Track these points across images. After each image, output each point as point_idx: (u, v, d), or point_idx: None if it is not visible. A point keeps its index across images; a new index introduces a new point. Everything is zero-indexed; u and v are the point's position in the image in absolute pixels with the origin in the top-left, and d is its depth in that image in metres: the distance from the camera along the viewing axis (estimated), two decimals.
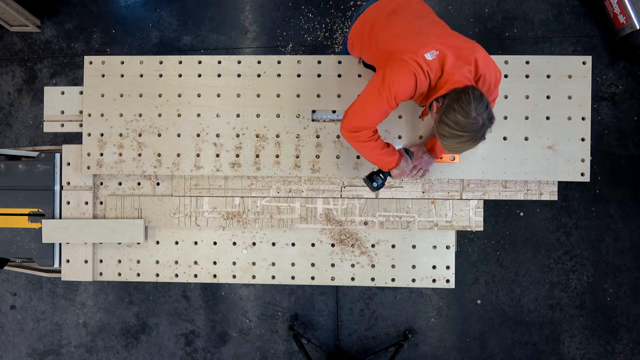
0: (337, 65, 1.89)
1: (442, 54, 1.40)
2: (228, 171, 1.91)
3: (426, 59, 1.39)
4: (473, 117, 1.29)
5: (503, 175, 1.84)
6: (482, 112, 1.30)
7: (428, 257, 1.92)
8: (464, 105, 1.29)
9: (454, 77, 1.37)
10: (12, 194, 2.02)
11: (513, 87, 1.84)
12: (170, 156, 1.93)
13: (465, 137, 1.33)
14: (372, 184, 1.70)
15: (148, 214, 1.96)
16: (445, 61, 1.39)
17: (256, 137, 1.91)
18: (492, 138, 1.83)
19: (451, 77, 1.38)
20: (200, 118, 1.93)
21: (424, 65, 1.39)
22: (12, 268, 2.14)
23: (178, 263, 1.99)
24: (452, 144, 1.38)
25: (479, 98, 1.31)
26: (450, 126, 1.33)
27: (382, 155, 1.62)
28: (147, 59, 1.96)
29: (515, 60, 1.85)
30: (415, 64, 1.39)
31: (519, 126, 1.84)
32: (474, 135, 1.32)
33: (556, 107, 1.82)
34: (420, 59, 1.39)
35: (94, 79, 1.97)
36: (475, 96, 1.31)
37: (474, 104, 1.29)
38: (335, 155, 1.88)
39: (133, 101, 1.95)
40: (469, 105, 1.29)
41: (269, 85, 1.91)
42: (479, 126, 1.31)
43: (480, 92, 1.33)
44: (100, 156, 1.96)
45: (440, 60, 1.40)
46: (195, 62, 1.94)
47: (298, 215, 1.92)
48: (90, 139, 1.96)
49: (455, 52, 1.41)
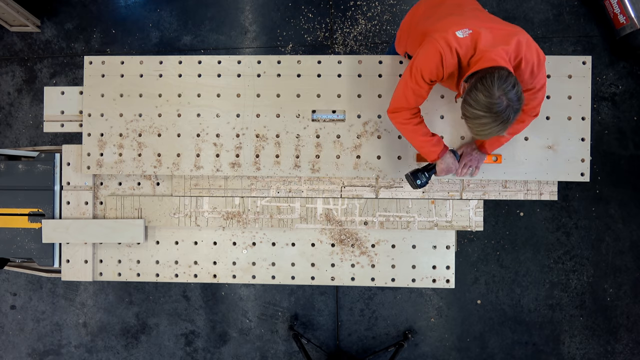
0: (337, 65, 1.89)
1: (475, 32, 1.34)
2: (228, 171, 1.91)
3: (457, 36, 1.33)
4: (497, 96, 1.21)
5: (503, 176, 1.84)
6: (508, 91, 1.22)
7: (428, 257, 1.92)
8: (487, 84, 1.23)
9: (488, 54, 1.29)
10: (12, 194, 2.02)
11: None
12: (170, 156, 1.93)
13: (487, 118, 1.25)
14: (416, 181, 1.64)
15: (148, 214, 1.96)
16: (479, 39, 1.32)
17: (256, 137, 1.91)
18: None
19: (484, 55, 1.30)
20: (200, 118, 1.93)
21: (453, 43, 1.33)
22: (12, 268, 2.14)
23: (178, 263, 1.99)
24: (475, 125, 1.30)
25: (506, 77, 1.23)
26: (472, 106, 1.26)
27: (425, 143, 1.57)
28: (147, 59, 1.96)
29: None
30: (443, 42, 1.34)
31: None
32: (497, 116, 1.24)
33: (556, 107, 1.82)
34: (450, 36, 1.34)
35: (94, 79, 1.96)
36: (500, 75, 1.23)
37: (497, 82, 1.22)
38: (336, 155, 1.88)
39: (133, 101, 1.95)
40: (493, 84, 1.22)
41: (269, 85, 1.91)
42: (502, 107, 1.23)
43: (508, 72, 1.25)
44: (100, 156, 1.95)
45: (474, 38, 1.33)
46: (195, 62, 1.94)
47: (298, 215, 1.92)
48: (90, 139, 1.96)
49: (492, 32, 1.35)
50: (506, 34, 1.35)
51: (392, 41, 1.92)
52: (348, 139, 1.88)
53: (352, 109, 1.89)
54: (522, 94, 1.27)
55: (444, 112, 1.85)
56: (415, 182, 1.65)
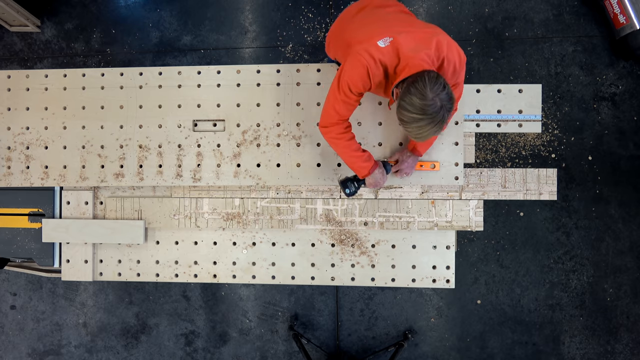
0: (217, 75, 1.94)
1: (395, 40, 1.38)
2: (112, 182, 1.95)
3: (379, 46, 1.38)
4: (430, 98, 1.26)
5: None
6: (439, 92, 1.28)
7: (428, 257, 1.92)
8: (420, 87, 1.27)
9: (413, 61, 1.35)
10: (12, 194, 2.02)
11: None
12: (56, 168, 1.97)
13: (423, 120, 1.30)
14: (345, 189, 1.71)
15: (148, 215, 1.96)
16: (400, 46, 1.37)
17: (139, 148, 1.94)
18: (368, 143, 1.89)
19: (410, 62, 1.35)
20: (85, 130, 1.97)
21: (376, 54, 1.38)
22: (12, 268, 2.14)
23: (178, 263, 1.99)
24: (413, 129, 1.35)
25: (435, 79, 1.29)
26: (408, 110, 1.31)
27: (356, 159, 1.62)
28: (33, 73, 2.02)
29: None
30: (366, 55, 1.38)
31: (394, 132, 1.88)
32: (433, 117, 1.29)
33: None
34: (372, 47, 1.38)
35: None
36: (430, 77, 1.28)
37: (429, 85, 1.27)
38: (216, 164, 1.92)
39: (20, 114, 2.01)
40: (425, 87, 1.27)
41: (151, 96, 1.96)
42: (437, 108, 1.28)
43: (437, 74, 1.31)
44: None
45: (394, 46, 1.38)
46: (79, 75, 1.99)
47: (298, 215, 1.92)
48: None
49: (411, 36, 1.39)
50: (426, 36, 1.40)
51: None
52: (228, 148, 1.92)
53: (231, 118, 1.93)
54: (452, 93, 1.32)
55: (382, 119, 1.88)
56: (345, 190, 1.72)
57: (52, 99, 1.99)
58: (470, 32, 2.71)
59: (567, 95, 2.66)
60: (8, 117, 2.01)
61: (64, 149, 1.97)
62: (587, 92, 2.66)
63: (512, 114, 1.93)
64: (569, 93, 2.66)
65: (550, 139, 2.65)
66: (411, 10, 2.75)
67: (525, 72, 2.67)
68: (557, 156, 2.65)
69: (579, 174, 2.65)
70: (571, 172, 2.65)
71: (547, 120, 2.65)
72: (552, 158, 2.65)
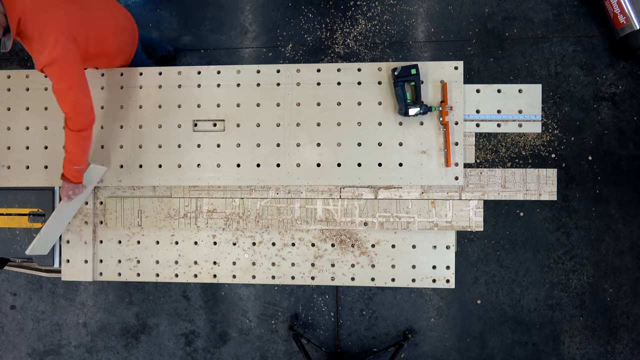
0: (216, 75, 1.95)
1: None
2: (112, 182, 1.97)
3: None
4: None
5: (379, 181, 1.87)
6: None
7: (428, 257, 1.92)
8: None
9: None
10: (12, 194, 2.02)
11: (388, 93, 1.89)
12: (56, 168, 1.99)
13: None
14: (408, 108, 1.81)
15: (148, 215, 1.96)
16: None
17: (139, 148, 1.96)
18: (368, 144, 1.88)
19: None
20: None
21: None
22: (12, 268, 2.14)
23: (178, 263, 1.99)
24: None
25: None
26: None
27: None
28: (33, 73, 2.03)
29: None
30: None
31: (393, 132, 1.88)
32: None
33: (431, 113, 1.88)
34: None
35: None
36: None
37: None
38: (216, 164, 1.93)
39: (20, 115, 2.03)
40: None
41: (151, 96, 1.98)
42: None
43: None
44: None
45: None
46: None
47: (298, 216, 1.92)
48: None
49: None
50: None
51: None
52: (228, 148, 1.93)
53: (231, 118, 1.94)
54: None
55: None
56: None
57: (52, 99, 1.98)
58: (470, 32, 2.71)
59: (567, 95, 2.66)
60: (8, 117, 2.01)
61: (63, 149, 1.96)
62: (587, 92, 2.66)
63: (512, 114, 1.93)
64: (569, 93, 2.66)
65: (550, 139, 2.65)
66: (411, 10, 2.76)
67: (525, 72, 2.67)
68: (557, 156, 2.65)
69: (579, 174, 2.65)
70: (571, 172, 2.65)
71: (547, 120, 2.65)
72: (552, 158, 2.65)
